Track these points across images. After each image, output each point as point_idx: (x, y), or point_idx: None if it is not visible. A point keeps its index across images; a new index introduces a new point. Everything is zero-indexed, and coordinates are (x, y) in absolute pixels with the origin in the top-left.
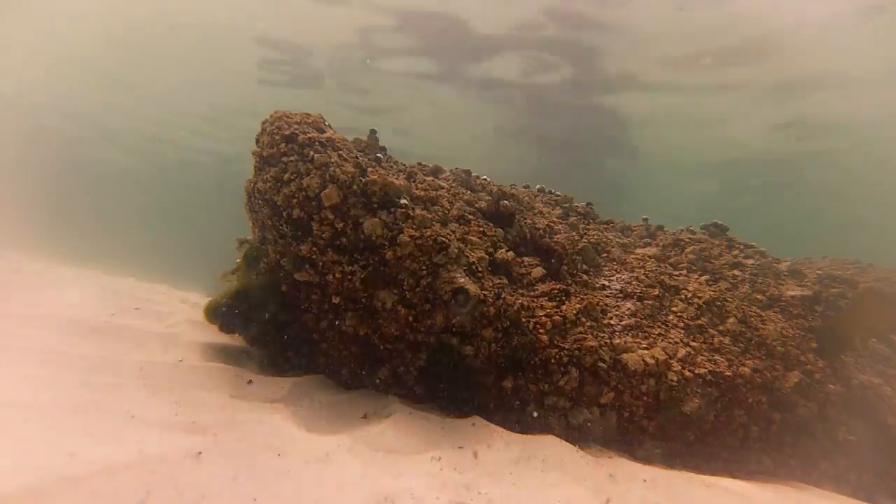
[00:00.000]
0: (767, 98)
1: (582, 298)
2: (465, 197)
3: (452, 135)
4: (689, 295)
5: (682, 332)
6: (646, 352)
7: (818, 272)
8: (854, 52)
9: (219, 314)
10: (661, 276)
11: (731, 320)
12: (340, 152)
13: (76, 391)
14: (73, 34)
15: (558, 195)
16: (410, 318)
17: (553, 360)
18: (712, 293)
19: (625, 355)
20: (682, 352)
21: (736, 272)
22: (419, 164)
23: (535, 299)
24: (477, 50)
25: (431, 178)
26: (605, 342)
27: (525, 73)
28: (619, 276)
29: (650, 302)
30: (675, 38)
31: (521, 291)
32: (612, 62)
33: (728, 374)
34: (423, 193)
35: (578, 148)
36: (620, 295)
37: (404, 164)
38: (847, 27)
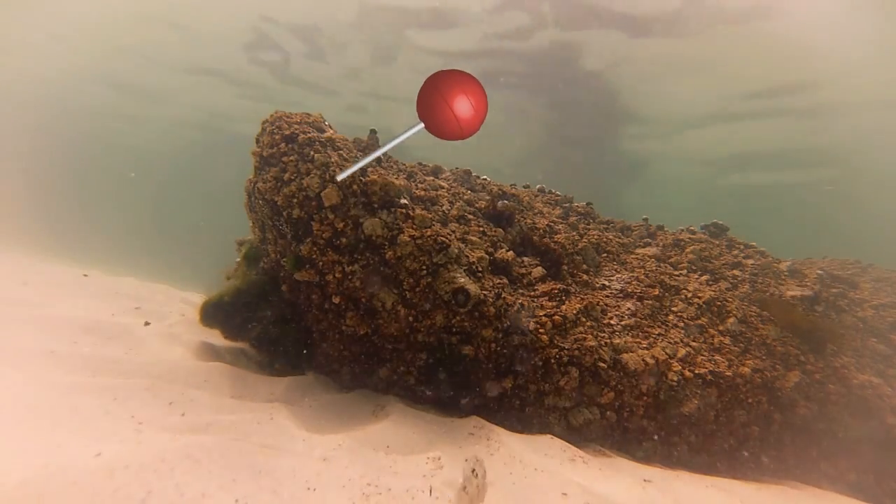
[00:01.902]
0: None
1: (582, 298)
2: (466, 197)
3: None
4: (690, 295)
5: (682, 331)
6: (646, 352)
7: (818, 272)
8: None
9: (216, 315)
10: (662, 276)
11: (732, 320)
12: (341, 152)
13: (76, 391)
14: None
15: (558, 195)
16: (410, 318)
17: (553, 360)
18: (712, 293)
19: (625, 355)
20: (682, 352)
21: (736, 272)
22: (419, 163)
23: (536, 299)
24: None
25: (431, 177)
26: (606, 342)
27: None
28: (619, 275)
29: (650, 302)
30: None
31: (521, 291)
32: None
33: (728, 373)
34: (423, 193)
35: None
36: (620, 295)
37: (404, 164)
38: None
